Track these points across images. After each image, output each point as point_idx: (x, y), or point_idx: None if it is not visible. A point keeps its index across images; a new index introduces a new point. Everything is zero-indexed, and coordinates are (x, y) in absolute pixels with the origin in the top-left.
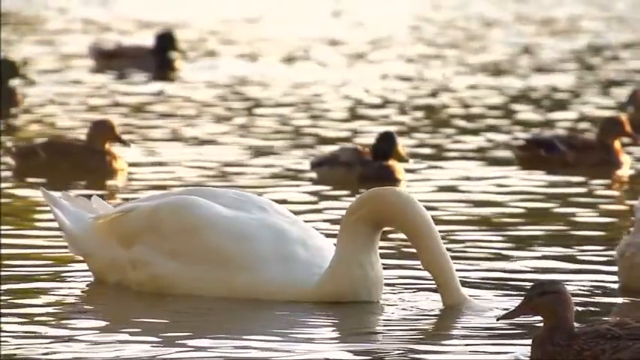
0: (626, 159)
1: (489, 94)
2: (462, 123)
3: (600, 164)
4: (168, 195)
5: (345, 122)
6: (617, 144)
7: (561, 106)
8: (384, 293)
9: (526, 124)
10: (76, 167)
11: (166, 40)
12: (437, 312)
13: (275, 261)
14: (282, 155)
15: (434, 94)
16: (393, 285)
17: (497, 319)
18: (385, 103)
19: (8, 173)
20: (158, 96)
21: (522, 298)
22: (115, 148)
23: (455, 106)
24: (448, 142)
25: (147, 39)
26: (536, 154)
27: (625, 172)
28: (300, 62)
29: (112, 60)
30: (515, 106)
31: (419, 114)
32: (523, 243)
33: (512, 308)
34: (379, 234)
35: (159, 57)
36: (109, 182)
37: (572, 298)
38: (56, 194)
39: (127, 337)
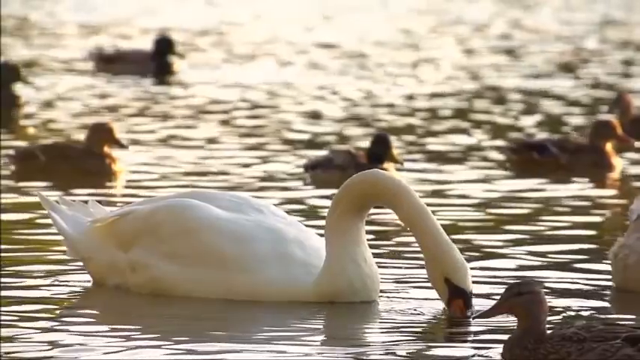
0: (617, 161)
1: (477, 98)
2: (451, 126)
3: (592, 167)
4: (165, 198)
5: (335, 125)
6: (608, 147)
7: (546, 109)
8: (381, 292)
9: (513, 128)
10: (76, 170)
11: (165, 45)
12: (434, 312)
13: (273, 262)
14: (276, 158)
15: (421, 98)
16: (390, 285)
17: (473, 318)
18: (373, 107)
19: (8, 176)
20: (156, 99)
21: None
22: (114, 151)
23: (443, 109)
24: (438, 145)
25: (138, 43)
26: (528, 156)
27: (617, 174)
28: (291, 65)
29: (112, 64)
30: (503, 110)
31: (406, 117)
32: (516, 245)
33: (488, 307)
34: (364, 223)
35: (157, 61)
36: (108, 185)
37: (570, 297)
38: (53, 199)
39: (125, 338)
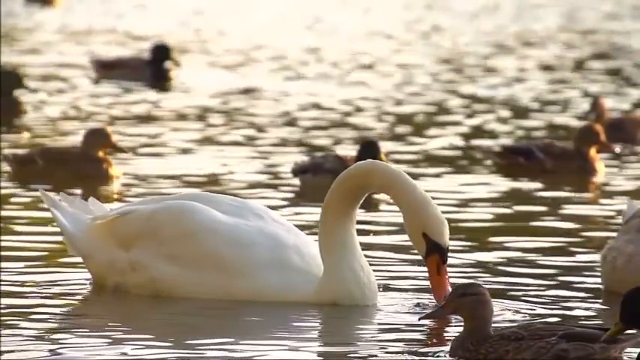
0: (601, 166)
1: (461, 103)
2: (438, 131)
3: (577, 171)
4: (164, 199)
5: (323, 130)
6: (592, 152)
7: (529, 114)
8: (379, 293)
9: (500, 132)
10: (73, 174)
11: (162, 51)
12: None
13: (272, 268)
14: (265, 162)
15: (408, 102)
16: (388, 287)
17: (420, 319)
18: (360, 112)
19: (6, 180)
20: (153, 104)
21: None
22: (112, 155)
23: (433, 113)
24: (425, 149)
25: (132, 50)
26: (514, 161)
27: (600, 178)
28: (282, 71)
29: (112, 70)
30: (490, 114)
31: (395, 121)
32: (504, 248)
33: (435, 308)
34: (355, 226)
35: (154, 67)
36: (105, 189)
37: (560, 300)
38: (55, 196)
39: (124, 339)
